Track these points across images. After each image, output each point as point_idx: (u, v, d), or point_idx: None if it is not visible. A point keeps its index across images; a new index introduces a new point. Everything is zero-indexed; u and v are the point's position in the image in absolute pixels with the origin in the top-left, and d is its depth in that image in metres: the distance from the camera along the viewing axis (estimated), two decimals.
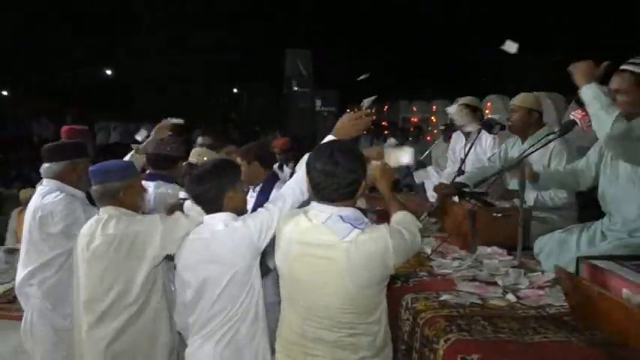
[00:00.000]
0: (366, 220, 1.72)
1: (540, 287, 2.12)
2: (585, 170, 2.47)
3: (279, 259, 1.79)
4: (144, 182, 2.43)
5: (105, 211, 2.11)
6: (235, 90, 26.03)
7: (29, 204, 2.47)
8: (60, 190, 2.40)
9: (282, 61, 11.50)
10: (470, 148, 3.27)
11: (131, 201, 2.16)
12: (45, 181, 2.46)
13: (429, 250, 2.60)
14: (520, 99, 3.07)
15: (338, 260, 1.60)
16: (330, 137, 1.98)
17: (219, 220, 1.92)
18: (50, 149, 2.49)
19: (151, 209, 2.42)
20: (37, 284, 2.42)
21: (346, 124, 2.05)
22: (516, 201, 2.94)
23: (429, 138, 8.96)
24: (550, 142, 2.55)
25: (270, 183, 2.77)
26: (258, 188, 2.80)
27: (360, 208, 1.82)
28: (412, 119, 10.52)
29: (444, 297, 2.00)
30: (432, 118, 9.79)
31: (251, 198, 2.71)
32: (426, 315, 1.85)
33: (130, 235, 2.00)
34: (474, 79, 13.37)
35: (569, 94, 6.23)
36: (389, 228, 1.68)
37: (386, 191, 1.95)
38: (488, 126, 3.12)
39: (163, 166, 2.74)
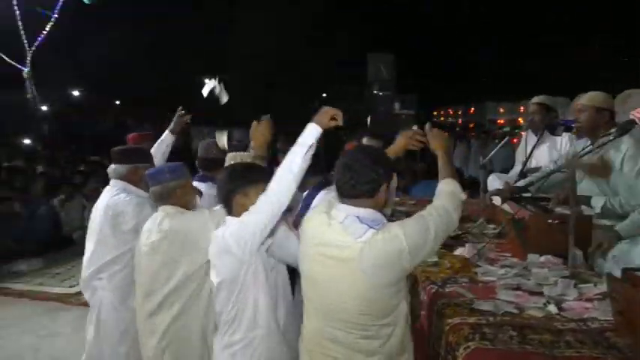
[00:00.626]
0: (385, 221, 1.70)
1: (589, 299, 1.99)
2: None
3: (301, 260, 1.83)
4: (197, 183, 2.61)
5: (162, 210, 2.30)
6: (325, 95, 26.60)
7: (98, 202, 2.72)
8: (127, 191, 2.64)
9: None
10: (532, 150, 3.11)
11: (184, 200, 2.33)
12: (113, 181, 2.71)
13: (476, 257, 2.52)
14: (587, 97, 2.86)
15: (352, 260, 1.60)
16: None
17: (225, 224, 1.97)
18: (118, 152, 2.74)
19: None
20: (106, 278, 2.65)
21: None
22: (584, 207, 2.78)
23: (514, 140, 8.53)
24: (605, 144, 2.36)
25: (317, 189, 2.76)
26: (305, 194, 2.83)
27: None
28: (499, 120, 10.10)
29: (477, 304, 1.95)
30: (520, 119, 9.31)
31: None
32: (453, 321, 1.82)
33: (183, 229, 2.17)
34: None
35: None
36: (405, 224, 1.64)
37: (440, 150, 1.95)
38: (552, 127, 2.94)
39: (210, 167, 2.92)
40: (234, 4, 20.55)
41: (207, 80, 2.95)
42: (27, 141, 13.89)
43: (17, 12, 4.51)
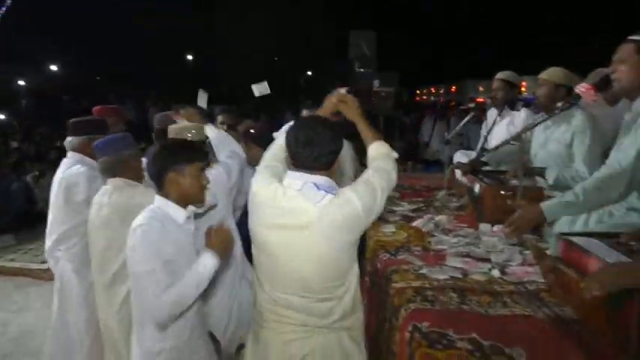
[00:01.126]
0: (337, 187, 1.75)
1: (532, 265, 2.07)
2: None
3: (252, 231, 1.81)
4: None
5: (112, 183, 2.30)
6: (310, 73, 26.55)
7: (56, 174, 2.72)
8: (82, 162, 2.65)
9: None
10: (492, 126, 3.17)
11: (136, 171, 2.33)
12: (69, 153, 2.71)
13: (431, 226, 2.59)
14: (547, 73, 2.91)
15: (312, 225, 1.64)
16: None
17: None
18: (72, 124, 2.72)
19: None
20: (64, 249, 2.68)
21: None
22: (539, 179, 2.86)
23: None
24: (549, 118, 2.42)
25: None
26: None
27: None
28: (477, 99, 10.18)
29: (424, 270, 2.02)
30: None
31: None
32: (398, 285, 1.89)
33: (133, 204, 2.12)
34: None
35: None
36: (356, 188, 1.71)
37: (356, 117, 1.98)
38: (512, 103, 3.00)
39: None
40: None
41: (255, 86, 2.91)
42: (1, 116, 13.64)
43: None
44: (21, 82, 21.16)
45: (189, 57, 27.09)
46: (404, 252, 2.25)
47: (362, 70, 10.87)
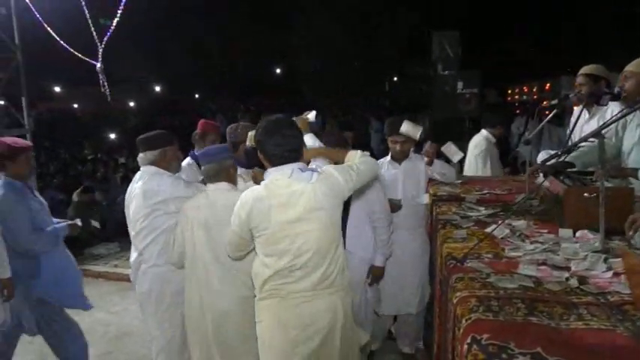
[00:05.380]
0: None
1: (617, 274, 1.88)
2: None
3: (257, 221, 2.17)
4: None
5: (214, 187, 2.62)
6: (395, 78, 26.39)
7: (133, 189, 2.88)
8: (159, 174, 2.80)
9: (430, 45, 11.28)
10: (574, 125, 2.92)
11: (235, 177, 2.70)
12: (143, 168, 2.85)
13: (507, 232, 2.44)
14: (635, 64, 2.64)
15: (312, 199, 2.11)
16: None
17: None
18: (144, 140, 2.88)
19: None
20: (147, 259, 2.85)
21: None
22: (634, 181, 2.61)
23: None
24: (629, 113, 2.18)
25: None
26: None
27: None
28: (533, 98, 9.49)
29: (492, 279, 1.90)
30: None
31: None
32: (462, 294, 1.79)
33: (234, 204, 2.35)
34: None
35: None
36: (334, 168, 2.24)
37: (329, 154, 2.53)
38: (596, 97, 2.75)
39: (233, 151, 3.06)
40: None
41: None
42: (112, 135, 15.05)
43: (86, 12, 4.89)
44: (131, 104, 23.22)
45: (278, 70, 28.09)
46: (472, 259, 2.14)
47: (445, 72, 10.56)
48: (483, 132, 5.38)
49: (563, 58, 13.77)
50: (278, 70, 28.26)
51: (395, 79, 26.27)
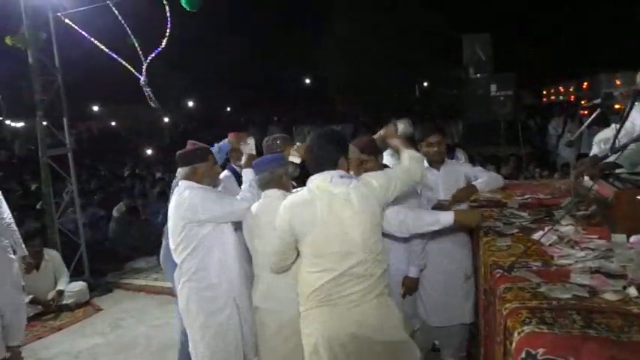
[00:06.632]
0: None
1: None
2: None
3: (301, 224, 2.26)
4: None
5: (269, 193, 2.69)
6: (426, 84, 26.18)
7: (172, 202, 2.90)
8: (191, 188, 2.80)
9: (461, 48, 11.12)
10: (622, 124, 2.78)
11: (287, 184, 2.76)
12: (181, 182, 2.87)
13: (554, 239, 2.34)
14: None
15: (354, 202, 2.21)
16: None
17: None
18: (178, 156, 2.89)
19: None
20: (185, 270, 2.86)
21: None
22: None
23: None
24: None
25: None
26: None
27: None
28: (570, 99, 9.16)
29: (543, 288, 1.82)
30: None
31: None
32: (512, 305, 1.72)
33: None
34: None
35: None
36: (374, 176, 2.35)
37: (398, 145, 2.68)
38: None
39: None
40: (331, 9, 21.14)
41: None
42: (149, 151, 15.40)
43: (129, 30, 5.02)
44: (165, 119, 23.78)
45: (307, 80, 28.29)
46: (520, 268, 2.06)
47: (477, 75, 10.38)
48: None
49: (601, 56, 13.31)
50: (307, 81, 28.47)
51: (425, 84, 26.05)
